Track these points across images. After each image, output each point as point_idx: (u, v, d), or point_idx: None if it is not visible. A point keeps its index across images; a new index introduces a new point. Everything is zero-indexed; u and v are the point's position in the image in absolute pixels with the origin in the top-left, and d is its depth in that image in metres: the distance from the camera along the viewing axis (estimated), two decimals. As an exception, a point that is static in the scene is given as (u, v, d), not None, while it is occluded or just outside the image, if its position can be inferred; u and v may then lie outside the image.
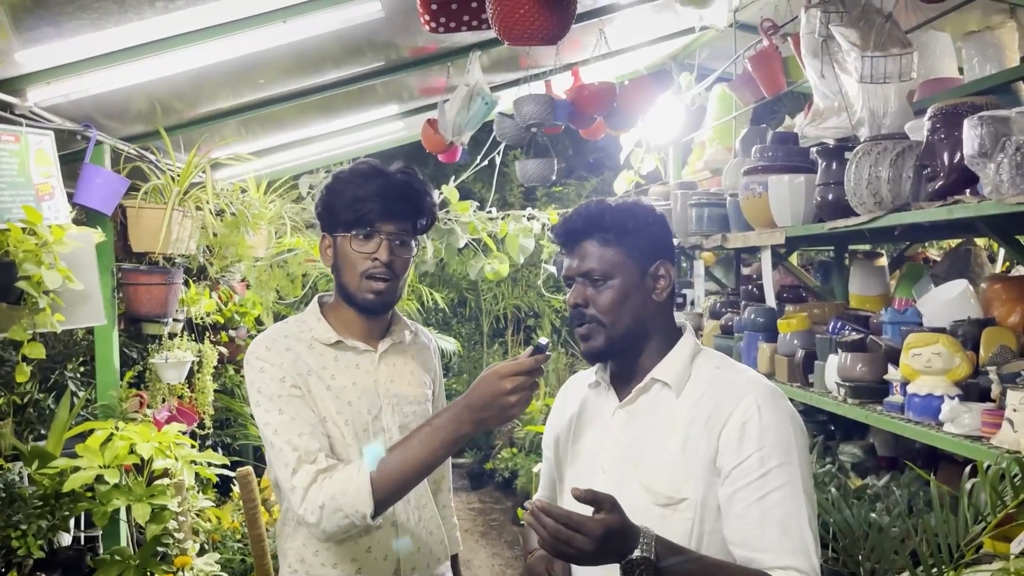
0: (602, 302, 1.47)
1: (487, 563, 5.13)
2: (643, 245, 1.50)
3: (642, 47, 4.51)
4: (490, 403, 1.49)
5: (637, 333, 1.50)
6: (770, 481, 1.35)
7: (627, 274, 1.48)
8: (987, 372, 2.03)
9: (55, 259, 2.42)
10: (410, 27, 3.06)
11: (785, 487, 1.35)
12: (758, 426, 1.39)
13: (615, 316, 1.47)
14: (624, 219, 1.49)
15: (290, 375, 1.64)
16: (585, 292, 1.48)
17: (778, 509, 1.34)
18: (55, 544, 2.89)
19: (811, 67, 2.86)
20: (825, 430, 3.17)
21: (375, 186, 1.67)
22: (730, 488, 1.38)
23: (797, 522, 1.34)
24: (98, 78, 2.63)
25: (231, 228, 3.46)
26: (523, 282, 7.81)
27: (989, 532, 1.58)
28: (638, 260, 1.49)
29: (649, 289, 1.50)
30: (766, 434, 1.38)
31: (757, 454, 1.37)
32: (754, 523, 1.35)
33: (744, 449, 1.38)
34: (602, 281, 1.47)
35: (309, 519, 1.53)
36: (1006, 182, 1.80)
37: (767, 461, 1.36)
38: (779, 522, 1.34)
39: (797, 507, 1.35)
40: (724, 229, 3.43)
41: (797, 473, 1.37)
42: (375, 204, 1.66)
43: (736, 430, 1.39)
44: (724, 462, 1.39)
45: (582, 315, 1.48)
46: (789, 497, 1.35)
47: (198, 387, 3.81)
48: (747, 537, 1.35)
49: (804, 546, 1.33)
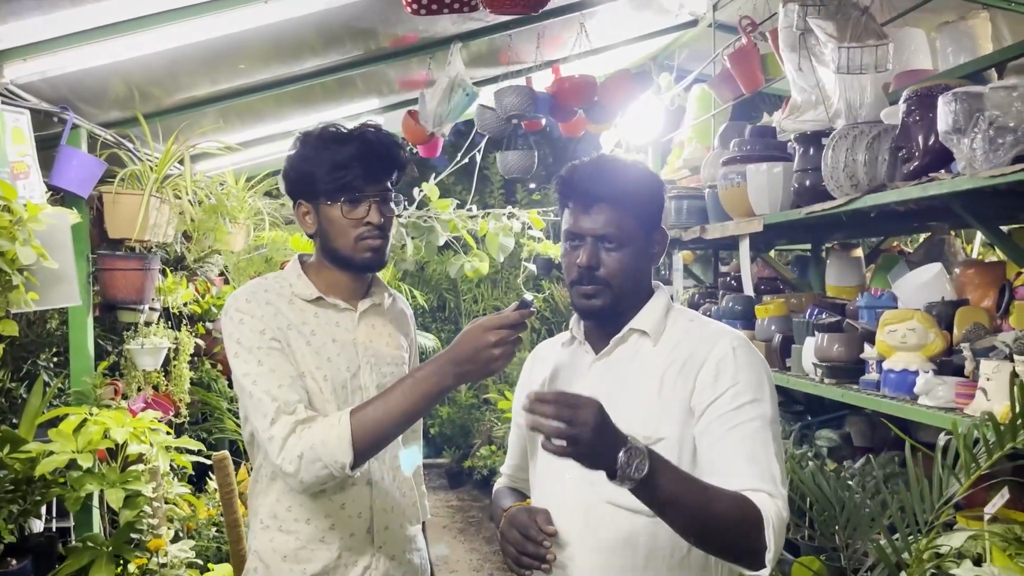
0: (613, 265, 1.49)
1: (465, 558, 5.11)
2: (651, 212, 1.54)
3: (622, 45, 4.55)
4: (473, 356, 1.49)
5: (634, 293, 1.54)
6: (742, 414, 1.41)
7: (637, 239, 1.51)
8: (961, 350, 2.06)
9: (30, 235, 2.38)
10: (391, 13, 3.07)
11: (755, 421, 1.41)
12: (732, 365, 1.44)
13: (622, 279, 1.50)
14: (640, 186, 1.52)
15: (270, 328, 1.63)
16: (598, 253, 1.49)
17: (748, 440, 1.39)
18: (26, 530, 2.84)
19: (789, 61, 2.89)
20: (802, 419, 3.19)
21: (352, 150, 1.66)
22: (704, 422, 1.42)
23: (765, 453, 1.39)
24: (75, 56, 2.60)
25: (209, 214, 3.44)
26: (503, 283, 7.81)
27: (963, 492, 1.60)
28: (644, 226, 1.53)
29: (649, 254, 1.55)
30: (740, 373, 1.44)
31: (732, 389, 1.42)
32: (725, 452, 1.39)
33: (719, 386, 1.43)
34: (616, 245, 1.49)
35: (287, 468, 1.52)
36: (979, 158, 1.82)
37: (740, 396, 1.42)
38: (749, 452, 1.39)
39: (765, 441, 1.40)
40: (702, 221, 3.45)
41: (768, 412, 1.43)
42: (358, 169, 1.65)
43: (712, 369, 1.44)
44: (700, 400, 1.44)
45: (593, 276, 1.49)
46: (759, 430, 1.40)
47: (174, 375, 3.77)
48: (718, 466, 1.39)
49: (772, 474, 1.38)
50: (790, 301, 3.02)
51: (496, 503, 1.75)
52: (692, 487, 1.30)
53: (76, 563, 2.75)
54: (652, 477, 1.23)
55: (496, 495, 1.80)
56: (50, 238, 2.53)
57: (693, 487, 1.30)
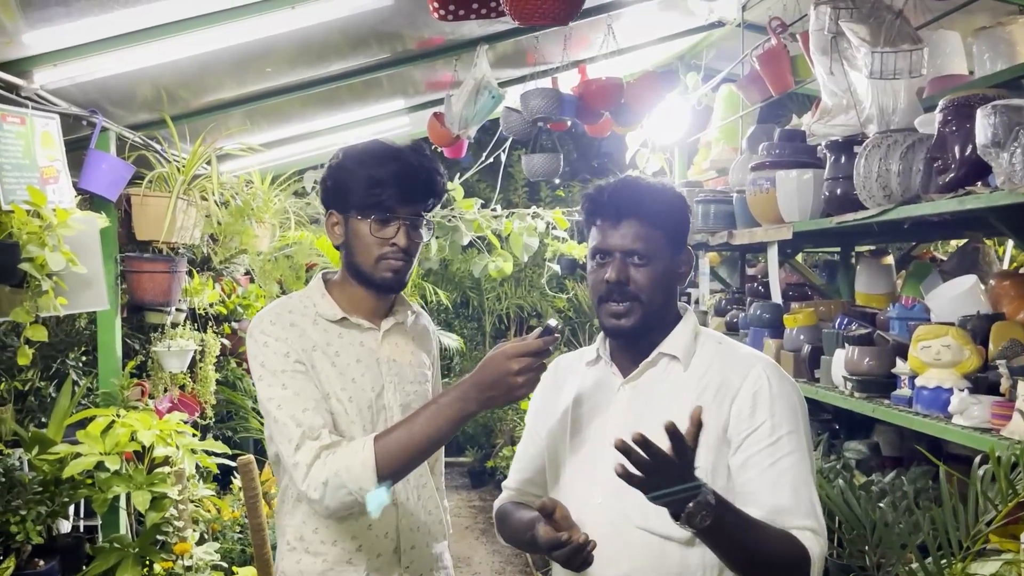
0: (643, 281, 1.49)
1: (487, 560, 5.11)
2: (678, 230, 1.55)
3: (649, 45, 4.50)
4: (496, 383, 1.48)
5: (663, 313, 1.54)
6: (781, 447, 1.42)
7: (664, 256, 1.52)
8: (996, 366, 2.01)
9: (59, 241, 2.40)
10: (418, 17, 3.05)
11: (794, 453, 1.43)
12: (768, 396, 1.45)
13: (653, 295, 1.50)
14: (670, 204, 1.54)
15: (294, 350, 1.63)
16: (627, 270, 1.49)
17: (789, 474, 1.41)
18: (54, 531, 2.87)
19: (820, 64, 2.84)
20: (829, 428, 3.15)
21: (392, 169, 1.64)
22: (743, 455, 1.43)
23: (806, 486, 1.42)
24: (104, 61, 2.62)
25: (236, 216, 3.45)
26: (526, 282, 7.79)
27: (1000, 521, 1.56)
28: (672, 243, 1.53)
29: (677, 273, 1.55)
30: (776, 403, 1.45)
31: (769, 421, 1.43)
32: (767, 486, 1.41)
33: (757, 417, 1.44)
34: (645, 261, 1.49)
35: (312, 495, 1.52)
36: (1019, 172, 1.78)
37: (778, 428, 1.43)
38: (791, 486, 1.41)
39: (804, 472, 1.43)
40: (730, 226, 3.41)
41: (804, 441, 1.46)
42: (393, 189, 1.64)
43: (748, 400, 1.45)
44: (736, 431, 1.45)
45: (624, 291, 1.49)
46: (798, 463, 1.43)
47: (200, 376, 3.79)
48: (762, 500, 1.40)
49: (812, 508, 1.41)
50: (819, 309, 2.97)
51: (511, 520, 1.66)
52: (749, 531, 1.32)
53: (103, 564, 2.78)
54: (714, 528, 1.26)
55: (504, 514, 1.70)
56: (79, 243, 2.55)
57: (750, 530, 1.33)
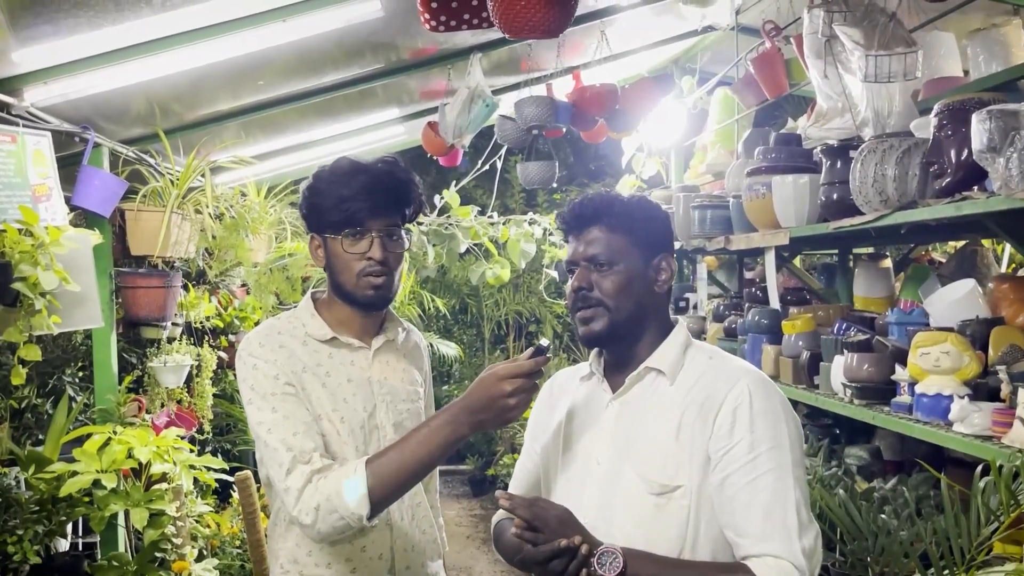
0: (606, 286, 1.48)
1: (489, 570, 5.08)
2: (648, 236, 1.53)
3: (643, 50, 4.49)
4: (488, 405, 1.46)
5: (637, 320, 1.52)
6: (759, 466, 1.38)
7: (631, 261, 1.50)
8: (996, 372, 2.00)
9: (51, 260, 2.39)
10: (410, 27, 3.05)
11: (773, 471, 1.38)
12: (748, 412, 1.41)
13: (618, 301, 1.48)
14: (631, 209, 1.52)
15: (284, 373, 1.62)
16: (589, 276, 1.49)
17: (764, 493, 1.37)
18: (52, 550, 2.85)
19: (814, 68, 2.84)
20: (830, 433, 3.14)
21: (359, 183, 1.63)
22: (721, 473, 1.40)
23: (782, 506, 1.36)
24: (96, 78, 2.61)
25: (231, 230, 3.44)
26: (524, 288, 7.77)
27: (1002, 532, 1.55)
28: (642, 250, 1.51)
29: (651, 280, 1.53)
30: (756, 420, 1.40)
31: (748, 438, 1.39)
32: (740, 507, 1.38)
33: (735, 435, 1.40)
34: (607, 266, 1.49)
35: (304, 520, 1.50)
36: (1016, 177, 1.77)
37: (757, 446, 1.39)
38: (764, 506, 1.36)
39: (784, 491, 1.37)
40: (727, 231, 3.40)
41: (787, 458, 1.40)
42: (362, 203, 1.63)
43: (728, 416, 1.41)
44: (715, 448, 1.41)
45: (586, 298, 1.49)
46: (777, 480, 1.37)
47: (197, 391, 3.77)
48: (734, 521, 1.38)
49: (786, 531, 1.35)
50: (817, 314, 2.96)
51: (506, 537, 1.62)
52: (674, 573, 1.35)
53: (101, 583, 2.76)
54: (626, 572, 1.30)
55: (502, 530, 1.68)
56: (72, 261, 2.54)
57: (675, 573, 1.35)
